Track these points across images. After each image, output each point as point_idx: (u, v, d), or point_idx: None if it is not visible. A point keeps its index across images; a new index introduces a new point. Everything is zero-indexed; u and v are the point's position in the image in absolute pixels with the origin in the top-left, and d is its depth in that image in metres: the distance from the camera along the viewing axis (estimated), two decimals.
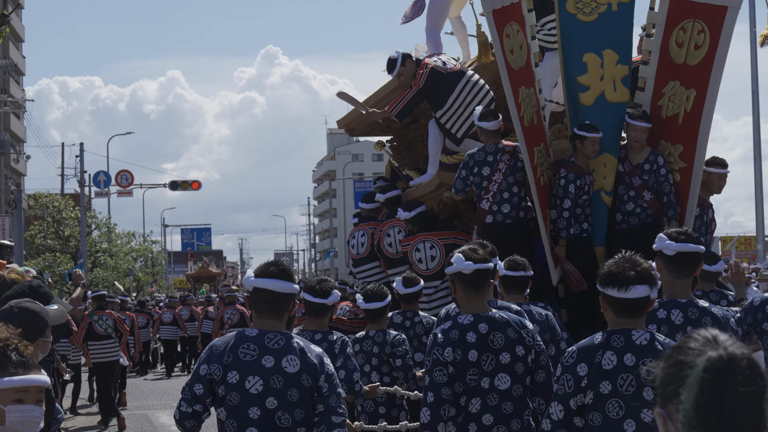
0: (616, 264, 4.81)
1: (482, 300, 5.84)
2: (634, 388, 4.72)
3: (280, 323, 5.21)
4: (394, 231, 11.00)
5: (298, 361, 5.09)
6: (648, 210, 9.50)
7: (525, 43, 9.33)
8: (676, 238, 5.52)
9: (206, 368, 5.12)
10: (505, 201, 9.55)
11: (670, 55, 9.44)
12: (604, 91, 9.56)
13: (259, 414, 5.04)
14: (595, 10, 9.46)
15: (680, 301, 5.53)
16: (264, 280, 5.19)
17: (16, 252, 30.83)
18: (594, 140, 9.28)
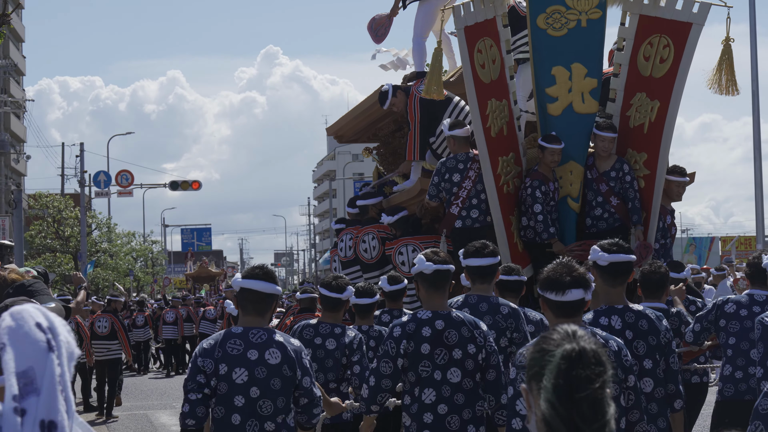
0: (554, 270, 5.24)
1: (442, 298, 6.34)
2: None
3: (263, 320, 5.84)
4: (369, 237, 11.46)
5: (279, 354, 5.73)
6: (615, 215, 9.99)
7: (499, 57, 9.83)
8: (608, 250, 6.03)
9: (202, 361, 5.77)
10: (474, 207, 10.05)
11: (638, 68, 9.94)
12: (572, 103, 10.04)
13: (243, 402, 5.71)
14: (564, 25, 9.95)
15: (617, 308, 6.06)
16: (250, 281, 5.81)
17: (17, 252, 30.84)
18: (553, 151, 9.79)
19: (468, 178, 10.08)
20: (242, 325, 5.86)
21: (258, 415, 5.72)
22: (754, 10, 27.44)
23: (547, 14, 9.97)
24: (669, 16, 9.79)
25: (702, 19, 9.73)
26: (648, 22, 9.89)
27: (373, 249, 11.42)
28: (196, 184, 48.66)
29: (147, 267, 65.65)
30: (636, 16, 9.94)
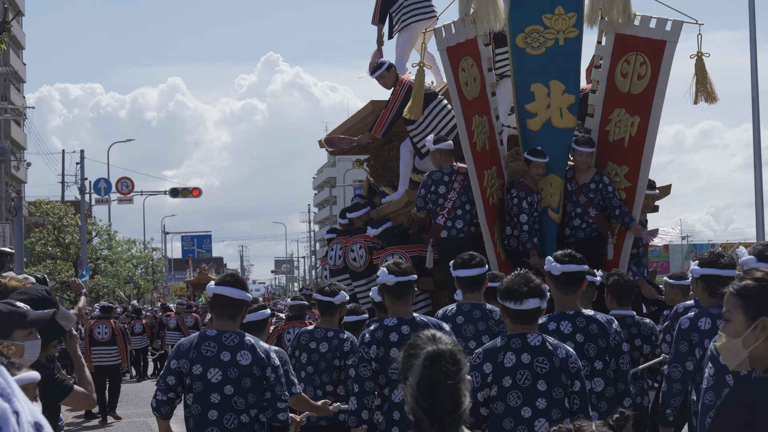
0: (512, 281, 5.79)
1: (406, 306, 6.88)
2: (530, 381, 5.71)
3: (235, 324, 6.39)
4: (357, 247, 11.86)
5: (249, 355, 6.29)
6: (593, 225, 10.42)
7: (479, 76, 10.25)
8: (561, 260, 6.56)
9: (176, 363, 6.35)
10: (459, 217, 10.42)
11: (616, 85, 10.36)
12: (551, 118, 10.49)
13: (218, 399, 6.27)
14: (543, 44, 10.39)
15: (568, 313, 6.58)
16: (222, 288, 6.36)
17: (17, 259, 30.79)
18: (538, 164, 10.25)
19: (453, 189, 10.43)
20: (216, 328, 6.38)
21: (234, 410, 6.29)
22: (754, 16, 27.45)
23: (525, 34, 10.40)
24: (644, 35, 10.18)
25: (675, 36, 10.11)
26: (624, 40, 10.29)
27: (360, 258, 11.78)
28: (196, 191, 48.67)
29: (147, 274, 65.62)
30: (612, 35, 10.34)
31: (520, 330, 5.80)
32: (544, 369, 5.72)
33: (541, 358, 5.72)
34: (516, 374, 5.73)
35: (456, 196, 10.43)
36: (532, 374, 5.71)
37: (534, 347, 5.74)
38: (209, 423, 6.31)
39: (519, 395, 5.70)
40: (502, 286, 5.86)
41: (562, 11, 10.39)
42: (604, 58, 10.46)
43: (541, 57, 10.42)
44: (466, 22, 10.20)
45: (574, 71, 10.53)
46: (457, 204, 10.43)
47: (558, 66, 10.43)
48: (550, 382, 5.72)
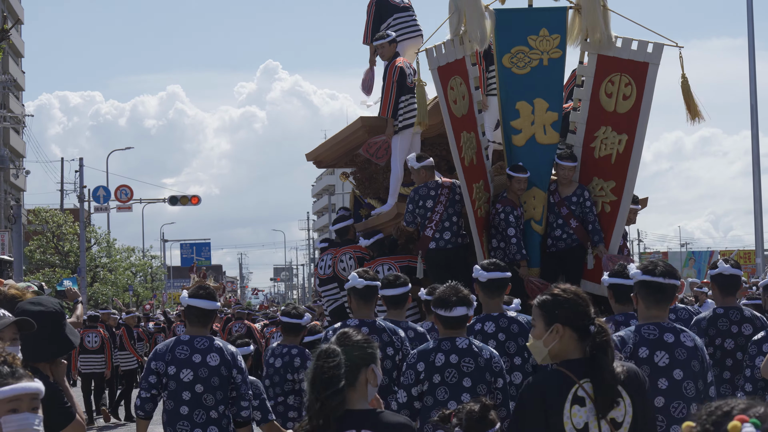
0: (444, 292, 6.66)
1: (369, 309, 7.74)
2: (456, 379, 6.59)
3: (205, 330, 7.29)
4: (346, 257, 12.28)
5: (218, 357, 7.15)
6: (573, 236, 10.93)
7: (467, 93, 10.75)
8: (486, 268, 7.47)
9: (155, 364, 7.21)
10: (446, 229, 10.87)
11: (601, 104, 10.87)
12: (535, 134, 11.01)
13: (189, 396, 7.13)
14: (528, 64, 10.91)
15: (492, 315, 7.48)
16: (195, 300, 7.21)
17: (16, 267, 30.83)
18: (520, 180, 10.75)
19: (440, 203, 10.88)
20: (189, 334, 7.28)
21: (203, 406, 7.13)
22: (753, 24, 27.49)
23: (512, 54, 10.91)
24: (626, 56, 10.70)
25: (657, 58, 10.61)
26: (606, 61, 10.79)
27: (350, 267, 12.08)
28: (195, 199, 48.66)
29: (146, 282, 65.57)
30: (594, 56, 10.85)
31: (450, 334, 6.69)
32: (470, 368, 6.62)
33: (467, 358, 6.61)
34: (444, 372, 6.60)
35: (443, 209, 10.87)
36: (459, 373, 6.60)
37: (462, 349, 6.63)
38: (180, 417, 7.17)
39: (446, 390, 6.55)
40: (435, 296, 6.76)
41: (546, 33, 10.89)
42: (586, 78, 10.95)
43: (526, 76, 10.92)
44: (455, 42, 10.67)
45: (557, 90, 11.03)
46: (444, 216, 10.87)
47: (542, 85, 10.93)
48: (474, 379, 6.61)
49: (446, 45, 10.61)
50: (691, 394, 5.77)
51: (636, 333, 5.89)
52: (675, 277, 5.98)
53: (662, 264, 6.01)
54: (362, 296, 7.70)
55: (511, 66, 10.91)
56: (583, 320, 4.57)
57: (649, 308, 5.96)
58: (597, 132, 10.93)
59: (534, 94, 10.93)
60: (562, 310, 4.60)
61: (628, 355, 5.76)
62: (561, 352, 4.58)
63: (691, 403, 5.74)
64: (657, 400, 5.75)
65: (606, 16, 10.72)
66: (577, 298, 4.63)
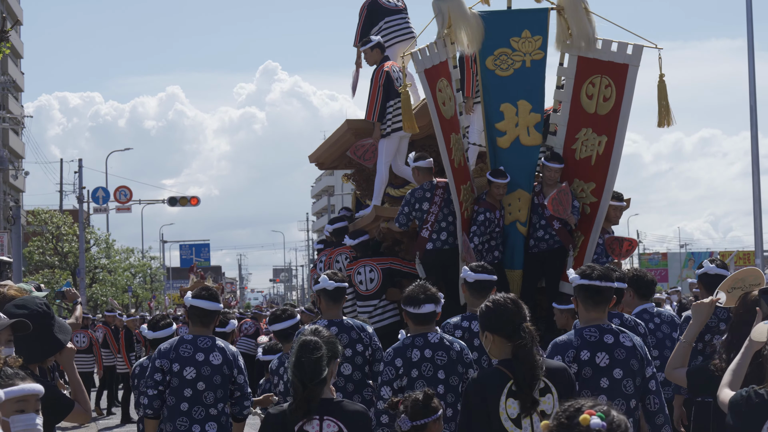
0: (413, 290, 7.14)
1: (338, 309, 8.07)
2: (432, 372, 7.04)
3: (208, 330, 7.64)
4: (342, 258, 12.35)
5: (220, 356, 7.50)
6: (556, 237, 10.97)
7: (452, 96, 10.78)
8: (474, 270, 7.83)
9: (159, 362, 7.51)
10: (443, 230, 10.92)
11: (582, 106, 10.89)
12: (519, 136, 11.05)
13: (190, 393, 7.43)
14: (511, 66, 10.95)
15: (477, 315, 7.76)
16: (198, 300, 7.57)
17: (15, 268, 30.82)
18: (499, 185, 10.79)
19: (435, 204, 10.92)
20: (192, 333, 7.60)
21: (203, 404, 7.45)
22: (752, 25, 27.48)
23: (495, 56, 10.95)
24: (606, 58, 10.71)
25: (637, 60, 10.60)
26: (586, 63, 10.81)
27: (345, 268, 12.15)
28: (194, 200, 48.62)
29: (146, 283, 65.54)
30: (575, 58, 10.88)
31: (421, 330, 7.15)
32: (443, 361, 7.06)
33: (440, 352, 7.07)
34: (421, 366, 7.05)
35: (438, 210, 10.90)
36: (434, 366, 7.05)
37: (434, 343, 7.10)
38: (180, 413, 7.46)
39: (424, 383, 6.87)
40: (405, 295, 7.21)
41: (528, 34, 10.92)
42: (566, 80, 10.99)
43: (509, 78, 10.95)
44: (440, 44, 10.69)
45: (539, 91, 11.08)
46: (440, 217, 10.90)
47: (525, 86, 10.97)
48: (447, 371, 7.06)
49: (431, 47, 10.65)
50: (630, 391, 6.20)
51: (578, 336, 6.25)
52: (611, 279, 6.34)
53: (599, 268, 6.41)
54: (331, 297, 8.03)
55: (495, 68, 10.95)
56: (509, 326, 5.38)
57: (588, 311, 6.32)
58: (578, 134, 10.97)
59: (517, 96, 10.97)
60: (488, 319, 5.48)
61: (571, 358, 6.13)
62: (495, 353, 5.44)
63: (630, 399, 6.18)
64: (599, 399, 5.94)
65: (589, 18, 10.75)
66: (503, 309, 5.46)
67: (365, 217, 12.33)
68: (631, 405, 6.18)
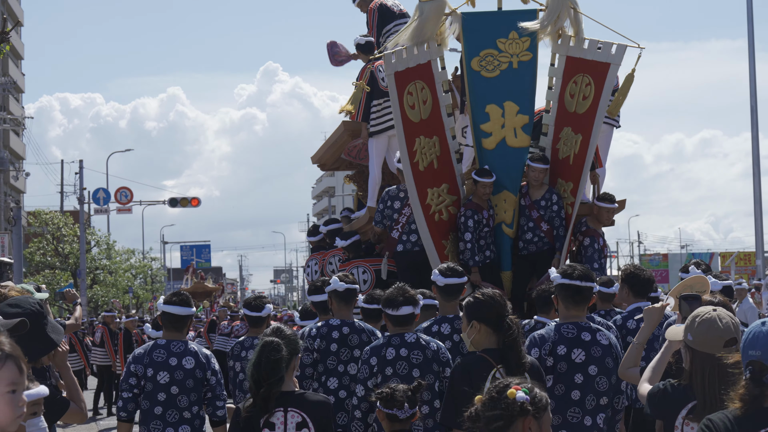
0: (391, 293, 7.34)
1: (349, 310, 8.23)
2: (407, 370, 7.19)
3: (181, 335, 7.68)
4: (335, 260, 12.45)
5: (193, 360, 7.57)
6: (545, 239, 10.99)
7: (431, 98, 10.75)
8: (444, 273, 7.82)
9: (134, 367, 7.58)
10: (414, 231, 10.97)
11: (565, 105, 10.89)
12: (505, 138, 11.02)
13: (164, 397, 7.52)
14: (497, 67, 10.90)
15: (448, 317, 7.84)
16: (169, 306, 7.62)
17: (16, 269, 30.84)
18: (485, 184, 10.79)
19: (407, 205, 10.96)
20: (165, 338, 7.68)
21: (177, 407, 7.54)
22: (753, 25, 27.49)
23: (480, 57, 10.90)
24: (590, 57, 10.68)
25: (619, 59, 10.59)
26: (573, 62, 10.79)
27: (338, 270, 12.18)
28: (195, 201, 48.65)
29: (146, 284, 65.55)
30: (563, 57, 10.84)
31: (399, 331, 7.34)
32: (419, 360, 7.23)
33: (416, 351, 7.25)
34: (396, 365, 7.24)
35: (410, 212, 10.93)
36: (409, 364, 7.22)
37: (410, 343, 7.28)
38: (154, 417, 7.56)
39: (398, 381, 6.89)
40: (384, 297, 7.44)
41: (515, 36, 10.87)
42: (556, 80, 10.97)
43: (495, 79, 10.91)
44: (419, 47, 10.68)
45: (528, 93, 11.02)
46: (411, 219, 10.94)
47: (512, 88, 10.92)
48: (423, 370, 7.21)
49: (408, 50, 10.63)
50: (602, 388, 6.50)
51: (556, 331, 6.56)
52: (591, 279, 6.66)
53: (580, 268, 6.68)
54: (343, 298, 8.19)
55: (480, 69, 10.90)
56: (496, 318, 5.74)
57: (568, 309, 6.64)
58: (561, 133, 10.96)
59: (504, 97, 10.93)
60: (478, 310, 5.80)
61: (547, 352, 6.47)
62: (480, 342, 5.79)
63: (602, 396, 6.49)
64: (573, 394, 6.48)
65: (577, 19, 10.73)
66: (492, 301, 5.81)
67: (361, 218, 12.38)
68: (602, 402, 6.49)
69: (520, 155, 11.05)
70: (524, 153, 11.05)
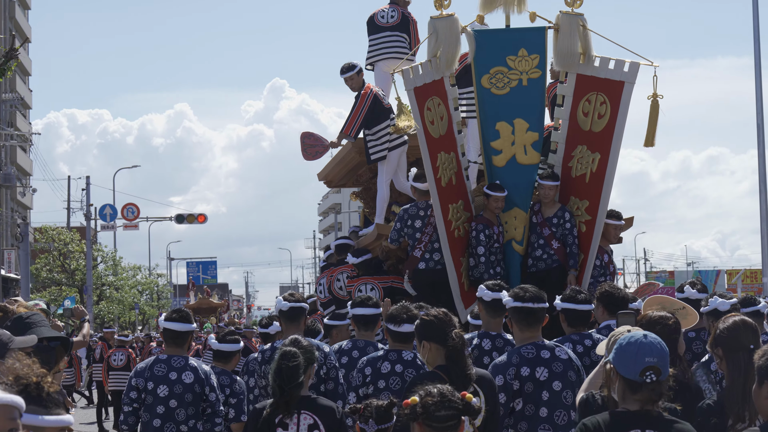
0: (396, 310, 7.45)
1: (298, 329, 8.30)
2: (399, 386, 7.25)
3: (182, 350, 8.05)
4: (343, 276, 12.41)
5: (192, 375, 7.90)
6: (554, 256, 10.98)
7: (446, 114, 10.83)
8: (491, 288, 7.78)
9: (135, 380, 7.95)
10: (436, 250, 10.95)
11: (578, 123, 10.89)
12: (515, 155, 11.04)
13: (163, 410, 7.86)
14: (507, 84, 10.93)
15: (491, 333, 7.88)
16: (170, 323, 8.01)
17: (23, 285, 30.90)
18: (497, 198, 10.80)
19: (429, 224, 10.96)
20: (167, 353, 8.06)
21: (175, 420, 7.87)
22: (759, 43, 27.52)
23: (490, 75, 10.93)
24: (603, 75, 10.69)
25: (633, 77, 10.59)
26: (585, 80, 10.80)
27: (346, 286, 12.28)
28: (201, 218, 48.75)
29: (152, 300, 65.57)
30: (574, 75, 10.86)
31: (398, 347, 7.51)
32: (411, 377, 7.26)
33: (410, 369, 7.39)
34: (389, 379, 7.41)
35: (432, 230, 10.94)
36: (402, 381, 7.34)
37: (406, 361, 7.46)
38: (153, 429, 7.87)
39: (388, 395, 6.89)
40: (388, 313, 7.59)
41: (525, 53, 10.90)
42: (566, 97, 10.97)
43: (505, 96, 10.93)
44: (433, 63, 10.71)
45: (537, 110, 11.07)
46: (434, 237, 10.94)
47: (522, 105, 10.95)
48: None
49: (423, 66, 10.69)
50: (569, 402, 6.63)
51: (516, 354, 6.72)
52: (543, 300, 6.87)
53: (531, 290, 6.90)
54: (288, 318, 8.39)
55: (490, 86, 10.93)
56: (443, 336, 5.96)
57: (522, 331, 6.83)
58: (574, 151, 10.97)
59: (514, 115, 10.96)
60: (426, 330, 6.06)
61: (512, 376, 6.64)
62: (433, 360, 6.03)
63: (570, 410, 6.60)
64: (541, 411, 6.64)
65: (586, 36, 10.74)
66: (437, 320, 6.05)
67: (368, 235, 12.39)
68: (572, 415, 6.55)
69: (530, 172, 11.07)
70: (534, 170, 11.08)
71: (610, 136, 10.70)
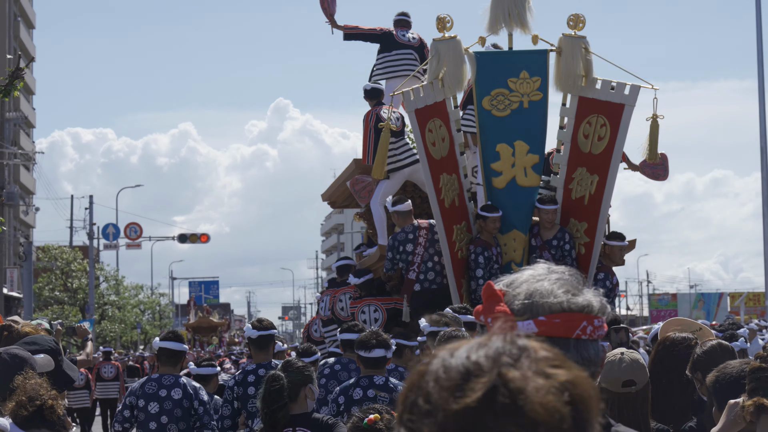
0: (365, 335, 7.65)
1: (267, 354, 8.55)
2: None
3: (175, 369, 8.48)
4: (345, 297, 12.43)
5: (181, 392, 8.29)
6: None
7: (448, 136, 10.84)
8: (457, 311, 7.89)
9: (128, 399, 8.39)
10: (430, 270, 11.03)
11: (578, 145, 10.94)
12: (515, 177, 11.09)
13: (155, 426, 8.26)
14: (507, 106, 10.94)
15: None
16: (165, 342, 8.44)
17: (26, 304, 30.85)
18: (494, 219, 10.82)
19: (419, 245, 11.02)
20: (160, 372, 8.48)
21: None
22: (762, 65, 27.51)
23: (491, 96, 10.94)
24: (604, 98, 10.75)
25: (633, 100, 10.66)
26: (586, 102, 10.85)
27: (348, 307, 12.31)
28: (204, 237, 48.79)
29: (155, 320, 65.53)
30: (576, 98, 10.90)
31: (370, 373, 7.65)
32: (385, 401, 7.32)
33: (383, 393, 7.54)
34: (362, 405, 7.32)
35: (423, 251, 11.00)
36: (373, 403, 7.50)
37: (378, 385, 7.61)
38: None
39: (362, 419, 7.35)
40: (358, 339, 7.79)
41: (526, 75, 10.93)
42: (568, 120, 11.01)
43: (506, 119, 10.96)
44: (435, 85, 10.73)
45: (538, 132, 11.09)
46: (425, 257, 11.01)
47: (522, 127, 10.98)
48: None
49: (425, 88, 10.70)
50: None
51: None
52: (459, 325, 7.20)
53: (449, 315, 7.32)
54: (257, 345, 8.57)
55: (491, 108, 10.95)
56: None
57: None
58: (574, 173, 11.04)
59: (514, 137, 10.99)
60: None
61: None
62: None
63: None
64: None
65: (588, 59, 10.80)
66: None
67: (371, 256, 12.41)
68: None
69: (530, 194, 11.11)
70: (534, 192, 11.12)
71: (608, 158, 10.77)
